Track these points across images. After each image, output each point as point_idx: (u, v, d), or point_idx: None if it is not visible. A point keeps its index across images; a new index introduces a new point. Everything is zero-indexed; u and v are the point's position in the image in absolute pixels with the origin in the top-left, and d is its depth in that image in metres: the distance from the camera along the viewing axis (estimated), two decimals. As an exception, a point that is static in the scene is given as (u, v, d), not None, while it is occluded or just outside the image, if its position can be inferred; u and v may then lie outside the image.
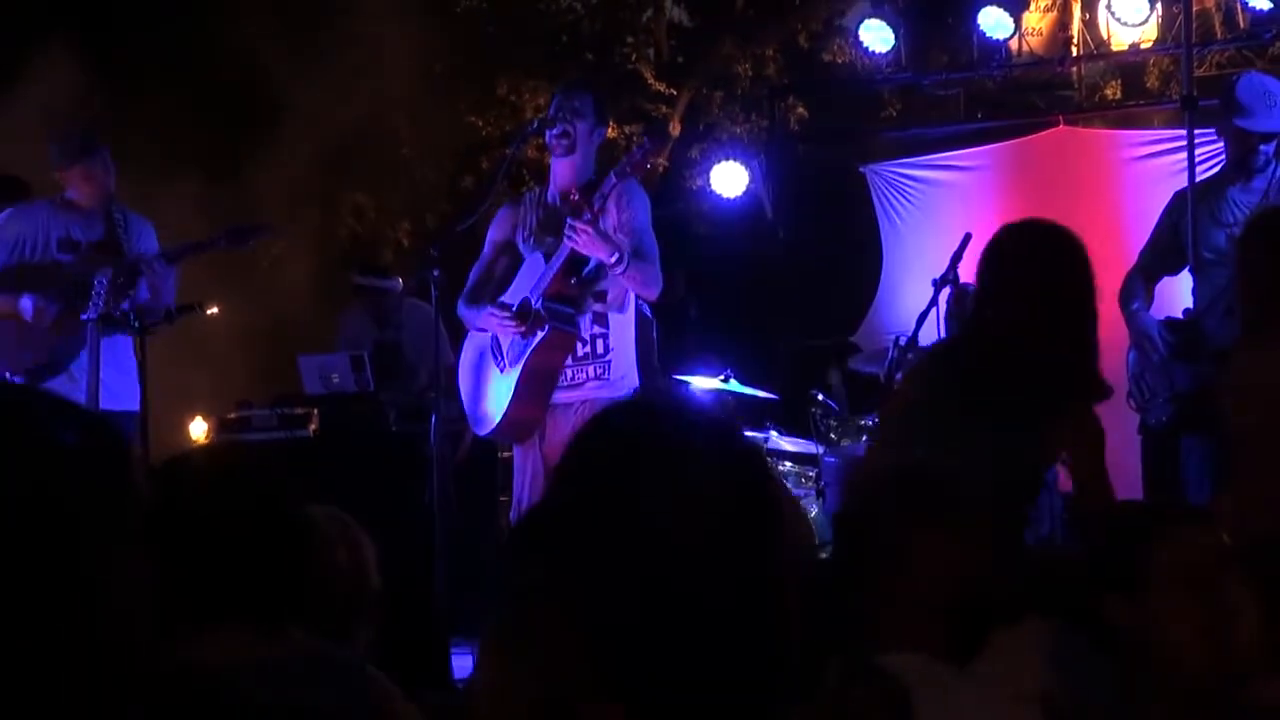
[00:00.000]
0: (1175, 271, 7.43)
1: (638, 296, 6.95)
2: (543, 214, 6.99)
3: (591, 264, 6.74)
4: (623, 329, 6.87)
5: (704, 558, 1.80)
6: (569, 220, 6.63)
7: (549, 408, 6.79)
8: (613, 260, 6.58)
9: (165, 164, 12.64)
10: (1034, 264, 4.73)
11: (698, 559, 1.79)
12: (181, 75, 13.46)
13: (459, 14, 14.59)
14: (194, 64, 13.66)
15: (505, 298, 6.89)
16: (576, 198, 6.68)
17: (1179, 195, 7.48)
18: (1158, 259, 7.44)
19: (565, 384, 6.79)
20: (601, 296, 6.82)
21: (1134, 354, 7.33)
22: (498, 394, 6.88)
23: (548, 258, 6.81)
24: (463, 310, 7.06)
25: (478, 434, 7.21)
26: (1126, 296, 7.34)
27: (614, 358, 6.83)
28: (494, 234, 7.15)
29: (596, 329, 6.81)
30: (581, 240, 6.59)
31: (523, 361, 6.76)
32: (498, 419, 6.86)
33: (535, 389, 6.80)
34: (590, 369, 6.81)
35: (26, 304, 7.51)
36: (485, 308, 6.86)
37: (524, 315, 6.76)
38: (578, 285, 6.78)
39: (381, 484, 8.26)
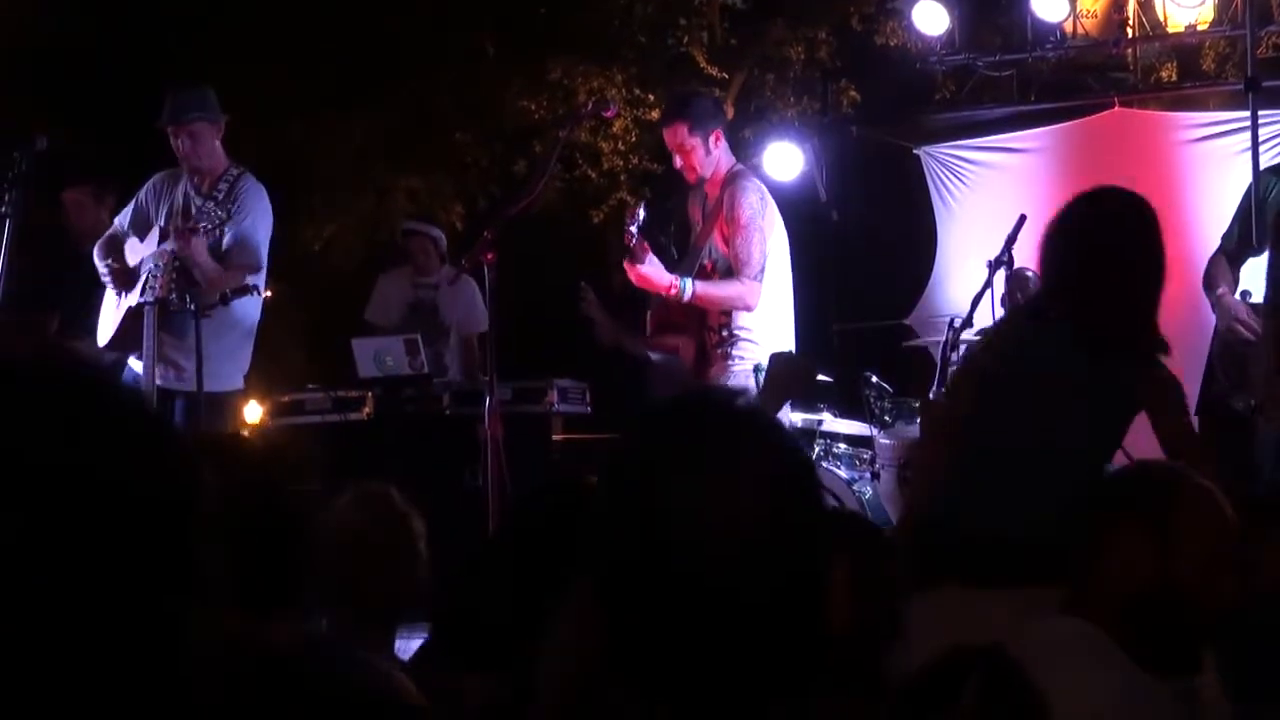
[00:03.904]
0: (1261, 252, 7.33)
1: None
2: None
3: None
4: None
5: (739, 566, 1.77)
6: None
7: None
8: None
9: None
10: (1092, 230, 4.74)
11: (732, 566, 1.77)
12: (236, 66, 13.51)
13: (511, -3, 14.62)
14: (246, 55, 13.71)
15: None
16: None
17: (1268, 173, 7.39)
18: (1241, 241, 7.35)
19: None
20: None
21: (1219, 338, 7.22)
22: None
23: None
24: None
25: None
26: (1210, 281, 7.26)
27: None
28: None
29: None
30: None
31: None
32: None
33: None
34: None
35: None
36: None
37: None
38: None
39: (435, 467, 8.28)
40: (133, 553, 1.40)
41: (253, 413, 10.49)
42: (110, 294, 7.66)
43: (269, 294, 9.36)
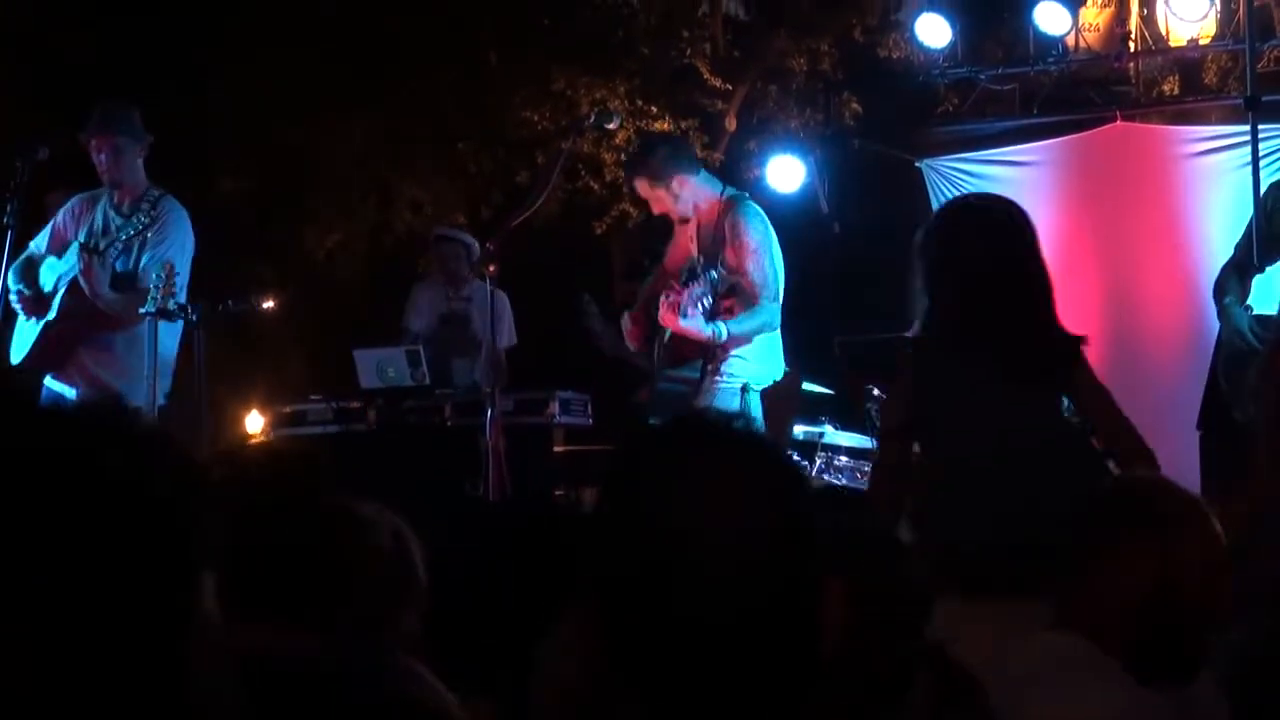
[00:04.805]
0: (1274, 261, 7.32)
1: None
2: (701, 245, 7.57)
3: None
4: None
5: (735, 579, 1.78)
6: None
7: None
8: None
9: (216, 160, 12.68)
10: (963, 243, 4.63)
11: (728, 580, 1.77)
12: (240, 70, 13.52)
13: (513, 7, 14.61)
14: (252, 56, 13.71)
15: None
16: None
17: (1275, 186, 7.40)
18: (1252, 251, 7.35)
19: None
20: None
21: (1225, 347, 7.23)
22: None
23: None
24: None
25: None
26: (1220, 290, 7.28)
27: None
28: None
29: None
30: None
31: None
32: None
33: None
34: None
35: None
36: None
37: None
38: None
39: (437, 478, 8.28)
40: (139, 554, 1.42)
41: (254, 423, 10.49)
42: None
43: (271, 304, 9.37)
